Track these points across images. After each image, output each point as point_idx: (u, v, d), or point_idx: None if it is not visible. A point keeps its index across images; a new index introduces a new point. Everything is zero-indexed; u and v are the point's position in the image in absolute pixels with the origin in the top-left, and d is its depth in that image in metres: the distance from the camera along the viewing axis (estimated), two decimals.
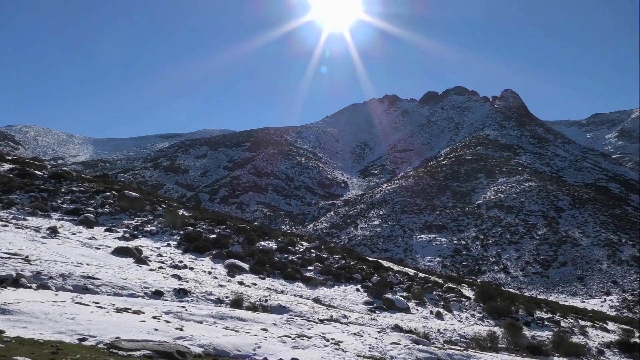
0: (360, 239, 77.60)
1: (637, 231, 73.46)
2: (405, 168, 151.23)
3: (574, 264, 61.74)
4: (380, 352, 8.76)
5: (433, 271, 48.16)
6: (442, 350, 9.67)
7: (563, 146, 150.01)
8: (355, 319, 13.30)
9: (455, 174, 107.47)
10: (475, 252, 68.32)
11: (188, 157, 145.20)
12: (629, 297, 50.68)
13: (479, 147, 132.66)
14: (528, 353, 13.38)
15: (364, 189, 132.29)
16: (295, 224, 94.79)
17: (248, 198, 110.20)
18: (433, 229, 78.85)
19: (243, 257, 19.55)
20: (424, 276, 28.68)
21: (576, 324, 21.56)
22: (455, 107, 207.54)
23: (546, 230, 71.92)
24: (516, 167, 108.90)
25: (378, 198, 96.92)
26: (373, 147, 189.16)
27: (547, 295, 50.79)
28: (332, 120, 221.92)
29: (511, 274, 60.48)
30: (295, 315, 11.64)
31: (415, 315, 17.10)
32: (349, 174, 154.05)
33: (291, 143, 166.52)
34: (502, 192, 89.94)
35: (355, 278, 20.90)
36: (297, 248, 24.34)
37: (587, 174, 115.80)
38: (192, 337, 6.84)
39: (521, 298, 26.61)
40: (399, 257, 67.13)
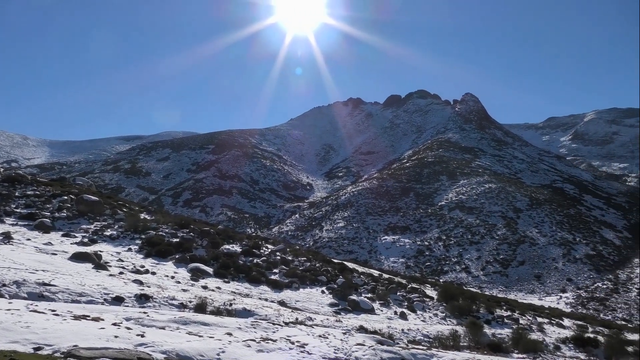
0: (325, 241, 77.83)
1: (590, 230, 76.67)
2: (369, 170, 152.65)
3: (531, 262, 63.81)
4: (345, 354, 8.81)
5: (397, 272, 48.81)
6: (406, 350, 9.81)
7: (521, 148, 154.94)
8: (320, 321, 13.32)
9: (418, 176, 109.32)
10: (437, 252, 69.64)
11: (150, 160, 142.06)
12: (583, 294, 52.81)
13: (441, 149, 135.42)
14: (489, 350, 13.74)
15: (329, 191, 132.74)
16: (260, 227, 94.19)
17: (212, 201, 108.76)
18: (397, 230, 79.91)
19: (207, 260, 19.29)
20: (388, 277, 29.03)
21: (534, 321, 22.27)
22: (418, 111, 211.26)
23: (505, 230, 74.07)
24: (477, 169, 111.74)
25: (343, 200, 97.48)
26: (338, 150, 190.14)
27: (507, 294, 52.31)
28: (297, 122, 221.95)
29: (472, 273, 61.95)
30: (260, 318, 11.56)
31: (379, 316, 17.28)
32: (314, 176, 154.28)
33: (256, 145, 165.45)
34: (464, 194, 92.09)
35: (320, 280, 20.94)
36: (262, 251, 24.19)
37: (543, 176, 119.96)
38: (154, 344, 6.70)
39: (482, 297, 27.31)
40: (364, 258, 67.70)
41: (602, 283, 56.19)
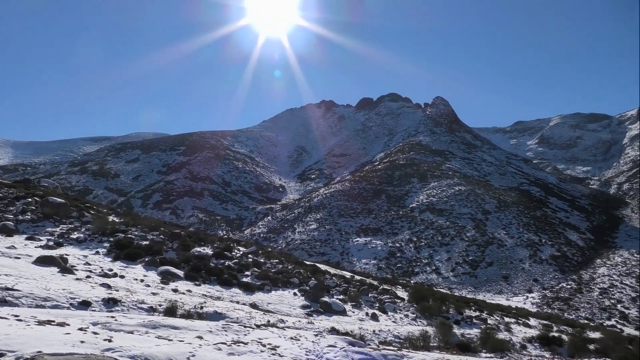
0: (297, 243, 77.71)
1: (556, 232, 78.91)
2: (342, 172, 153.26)
3: (499, 263, 65.21)
4: (317, 355, 8.83)
5: (369, 273, 49.13)
6: (377, 351, 9.89)
7: (489, 152, 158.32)
8: (292, 323, 13.31)
9: (389, 178, 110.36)
10: (408, 254, 70.42)
11: (119, 161, 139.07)
12: (548, 294, 54.26)
13: (412, 152, 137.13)
14: (458, 350, 13.97)
15: (302, 193, 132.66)
16: (232, 229, 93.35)
17: (183, 203, 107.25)
18: (369, 232, 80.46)
19: (178, 263, 19.01)
20: (360, 279, 29.21)
21: (502, 321, 22.77)
22: (390, 113, 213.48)
23: (474, 232, 75.50)
24: (447, 171, 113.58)
25: (315, 202, 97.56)
26: (310, 152, 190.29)
27: (476, 294, 53.29)
28: (270, 124, 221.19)
29: (442, 274, 62.88)
30: (231, 321, 11.48)
31: (351, 317, 17.37)
32: (286, 178, 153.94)
33: (228, 147, 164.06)
34: (434, 196, 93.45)
35: (292, 282, 20.91)
36: (234, 253, 24.00)
37: (511, 178, 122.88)
38: (122, 348, 6.57)
39: (452, 298, 27.76)
40: (336, 260, 67.89)
41: (567, 283, 57.88)
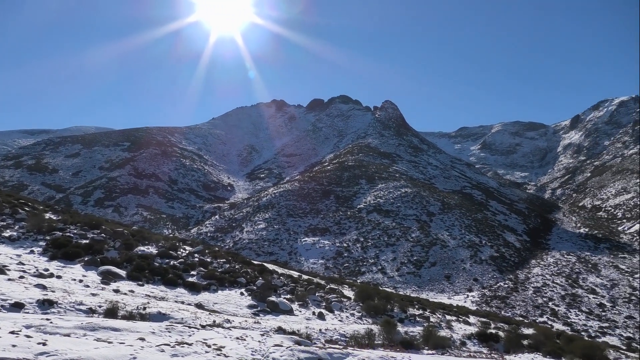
0: (245, 242, 76.98)
1: (495, 234, 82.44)
2: (291, 172, 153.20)
3: (442, 264, 67.37)
4: (263, 355, 8.81)
5: (316, 273, 49.41)
6: (323, 349, 9.98)
7: (435, 156, 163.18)
8: (239, 323, 13.19)
9: (338, 179, 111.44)
10: (355, 254, 71.40)
11: (57, 156, 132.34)
12: (487, 292, 56.61)
13: (360, 154, 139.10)
14: (401, 348, 14.33)
15: (251, 192, 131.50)
16: (178, 228, 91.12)
17: (127, 201, 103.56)
18: (317, 232, 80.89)
19: (120, 263, 18.36)
20: (308, 278, 29.33)
21: (443, 319, 23.54)
22: (340, 115, 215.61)
23: (419, 233, 77.59)
24: (394, 173, 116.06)
25: (264, 202, 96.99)
26: (260, 151, 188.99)
27: (419, 293, 54.78)
28: (219, 122, 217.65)
29: (388, 274, 64.19)
30: (176, 322, 11.23)
31: (298, 316, 17.42)
32: (235, 177, 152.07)
33: (175, 144, 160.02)
34: (381, 197, 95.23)
35: (239, 282, 20.72)
36: (179, 253, 23.47)
37: (454, 182, 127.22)
38: (58, 352, 6.29)
39: (396, 297, 28.41)
40: (284, 259, 67.81)
41: (504, 282, 60.62)
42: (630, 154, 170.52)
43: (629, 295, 55.72)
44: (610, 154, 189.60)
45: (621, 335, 42.48)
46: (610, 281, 61.52)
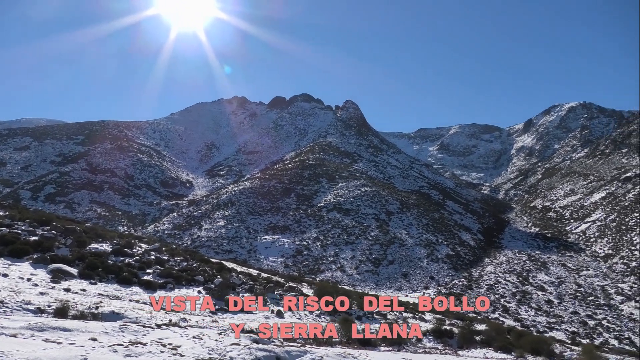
0: (204, 240, 75.84)
1: (451, 233, 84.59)
2: (252, 170, 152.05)
3: (400, 262, 68.55)
4: (220, 354, 8.72)
5: (276, 271, 49.26)
6: (281, 347, 9.98)
7: (394, 156, 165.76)
8: (195, 321, 13.00)
9: (299, 177, 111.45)
10: (315, 252, 71.65)
11: (5, 149, 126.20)
12: (443, 290, 58.03)
13: (321, 152, 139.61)
14: (359, 345, 14.51)
15: (210, 189, 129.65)
16: (134, 225, 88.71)
17: (80, 196, 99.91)
18: (277, 230, 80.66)
19: (71, 261, 17.72)
20: (267, 276, 29.22)
21: (400, 316, 23.95)
22: (302, 114, 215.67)
23: (378, 231, 78.64)
24: (354, 173, 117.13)
25: (224, 199, 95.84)
26: (220, 148, 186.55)
27: (377, 291, 55.54)
28: (179, 117, 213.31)
29: (347, 272, 64.76)
30: (130, 321, 10.95)
31: (257, 315, 17.32)
32: (194, 173, 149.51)
33: (132, 139, 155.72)
34: (341, 196, 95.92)
35: (197, 280, 20.42)
36: (135, 250, 22.89)
37: (413, 182, 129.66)
38: (3, 354, 6.02)
39: (354, 294, 28.70)
40: (243, 258, 67.27)
41: (459, 280, 62.31)
42: (578, 157, 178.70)
43: (574, 292, 58.42)
44: (559, 157, 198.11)
45: (567, 330, 44.47)
46: (558, 279, 64.31)
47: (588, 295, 56.86)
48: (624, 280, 63.84)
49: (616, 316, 49.63)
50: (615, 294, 56.92)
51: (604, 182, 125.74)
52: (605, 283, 61.83)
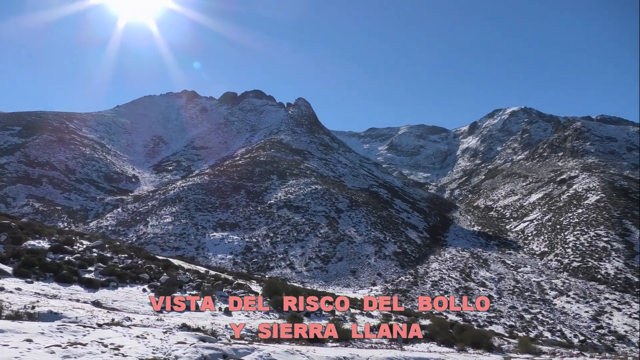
0: (150, 237, 73.74)
1: (398, 230, 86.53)
2: (201, 166, 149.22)
3: (348, 259, 69.44)
4: (165, 353, 8.56)
5: (224, 269, 48.63)
6: (228, 345, 9.91)
7: (345, 154, 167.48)
8: (140, 320, 12.66)
9: (250, 174, 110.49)
10: (265, 249, 71.32)
11: None
12: (389, 286, 59.29)
13: (273, 149, 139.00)
14: (307, 341, 14.61)
15: (157, 184, 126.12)
16: (75, 221, 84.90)
17: (15, 190, 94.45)
18: (226, 227, 79.63)
19: (5, 258, 16.81)
20: (215, 274, 28.84)
21: (348, 312, 24.29)
22: (253, 110, 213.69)
23: (328, 229, 79.29)
24: (305, 170, 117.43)
25: (171, 195, 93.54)
26: (168, 142, 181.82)
27: (326, 288, 56.02)
28: (125, 110, 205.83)
29: (296, 269, 64.90)
30: (69, 321, 10.53)
31: (204, 312, 17.08)
32: (140, 168, 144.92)
33: (74, 131, 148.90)
34: (292, 193, 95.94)
35: (142, 278, 19.88)
36: (75, 247, 21.97)
37: (362, 180, 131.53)
38: None
39: (303, 291, 28.82)
40: (191, 255, 65.97)
41: (405, 277, 63.89)
42: (519, 160, 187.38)
43: (513, 287, 61.28)
44: (501, 159, 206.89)
45: (505, 323, 46.61)
46: (498, 275, 67.25)
47: (525, 291, 59.80)
48: (557, 276, 67.63)
49: (550, 310, 52.51)
50: (549, 289, 60.19)
51: (541, 184, 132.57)
52: (540, 279, 65.23)
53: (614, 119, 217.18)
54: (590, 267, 69.56)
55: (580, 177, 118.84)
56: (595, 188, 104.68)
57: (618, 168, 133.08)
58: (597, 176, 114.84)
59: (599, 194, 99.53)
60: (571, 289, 59.63)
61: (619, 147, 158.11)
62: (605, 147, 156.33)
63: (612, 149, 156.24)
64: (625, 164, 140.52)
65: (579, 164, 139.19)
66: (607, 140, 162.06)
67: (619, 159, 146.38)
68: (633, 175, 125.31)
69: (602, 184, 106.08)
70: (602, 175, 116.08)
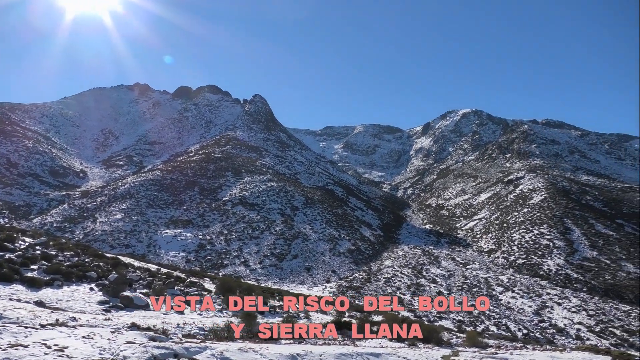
0: (99, 234, 71.16)
1: (353, 228, 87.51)
2: (153, 161, 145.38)
3: (303, 256, 69.60)
4: (113, 354, 8.33)
5: (177, 266, 47.64)
6: (179, 344, 9.75)
7: (301, 152, 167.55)
8: (86, 320, 12.24)
9: (204, 170, 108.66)
10: (219, 246, 70.38)
11: None
12: (343, 283, 59.88)
13: (228, 146, 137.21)
14: (260, 339, 14.57)
15: (107, 180, 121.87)
16: (17, 217, 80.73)
17: None
18: (179, 224, 78.00)
19: None
20: (167, 271, 28.25)
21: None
22: (208, 105, 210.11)
23: (283, 226, 79.14)
24: (261, 167, 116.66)
25: (122, 191, 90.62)
26: (119, 137, 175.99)
27: (280, 285, 55.94)
28: (73, 102, 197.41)
29: (250, 266, 64.43)
30: (9, 322, 10.05)
31: (155, 311, 16.70)
32: (89, 163, 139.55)
33: (17, 122, 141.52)
34: (247, 190, 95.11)
35: (90, 277, 19.21)
36: (17, 245, 20.95)
37: (318, 178, 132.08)
38: None
39: (258, 289, 28.70)
40: (142, 252, 64.19)
41: (359, 274, 64.70)
42: (469, 160, 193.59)
43: (462, 283, 63.29)
44: (453, 159, 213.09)
45: (454, 318, 48.07)
46: (448, 272, 69.26)
47: (473, 287, 61.90)
48: (503, 272, 70.41)
49: (496, 305, 54.59)
50: (496, 285, 62.58)
51: (490, 184, 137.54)
52: (488, 275, 67.70)
53: (557, 122, 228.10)
54: (534, 263, 72.86)
55: (526, 177, 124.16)
56: (539, 188, 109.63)
57: (560, 170, 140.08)
58: (541, 177, 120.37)
59: (542, 194, 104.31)
60: (516, 285, 62.21)
61: (561, 150, 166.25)
62: (549, 150, 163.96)
63: (555, 151, 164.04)
64: (567, 166, 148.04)
65: (525, 166, 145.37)
66: (551, 143, 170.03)
67: (561, 161, 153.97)
68: (574, 176, 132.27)
69: (546, 185, 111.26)
70: (546, 176, 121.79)
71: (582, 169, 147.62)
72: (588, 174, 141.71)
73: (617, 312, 52.63)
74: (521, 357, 17.31)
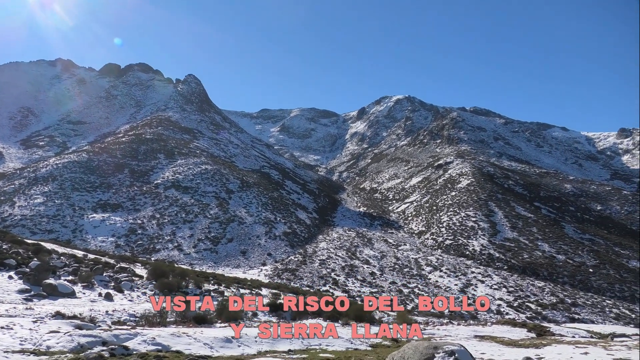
0: (18, 219, 66.63)
1: (289, 211, 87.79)
2: (79, 142, 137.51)
3: (239, 240, 69.07)
4: (35, 344, 7.95)
5: (105, 252, 45.70)
6: (108, 332, 9.46)
7: (236, 134, 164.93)
8: (5, 310, 11.55)
9: (134, 152, 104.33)
10: (150, 231, 68.23)
11: None
12: (279, 266, 60.18)
13: (160, 127, 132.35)
14: (194, 323, 14.43)
15: (26, 162, 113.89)
16: None
17: None
18: (107, 208, 74.65)
19: None
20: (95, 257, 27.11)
21: (237, 293, 24.32)
22: (138, 84, 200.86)
23: (218, 210, 77.93)
24: (195, 150, 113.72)
25: (43, 173, 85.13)
26: (40, 115, 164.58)
27: (215, 269, 55.27)
28: None
29: (184, 251, 63.10)
30: None
31: (81, 299, 16.02)
32: (5, 143, 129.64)
33: None
34: (180, 173, 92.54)
35: (8, 264, 18.05)
36: None
37: (254, 161, 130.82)
38: None
39: (192, 273, 28.22)
40: (67, 238, 60.95)
41: (295, 256, 65.26)
42: (401, 145, 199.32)
43: (394, 264, 65.61)
44: (387, 144, 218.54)
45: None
46: (381, 253, 71.49)
47: (404, 267, 64.38)
48: (432, 253, 73.74)
49: (425, 284, 57.18)
50: (425, 265, 65.46)
51: (421, 168, 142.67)
52: (418, 256, 70.63)
53: (484, 110, 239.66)
54: (460, 244, 76.83)
55: (455, 162, 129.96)
56: (466, 173, 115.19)
57: (486, 155, 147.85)
58: (468, 162, 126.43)
59: (469, 179, 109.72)
60: (444, 265, 65.40)
61: (487, 137, 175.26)
62: (476, 136, 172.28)
63: (481, 138, 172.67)
64: (492, 152, 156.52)
65: (454, 151, 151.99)
66: (478, 130, 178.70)
67: (487, 147, 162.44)
68: (498, 162, 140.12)
69: (473, 170, 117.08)
70: (473, 161, 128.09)
71: (506, 155, 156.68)
72: (511, 159, 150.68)
73: (532, 288, 56.87)
74: (447, 332, 18.35)
